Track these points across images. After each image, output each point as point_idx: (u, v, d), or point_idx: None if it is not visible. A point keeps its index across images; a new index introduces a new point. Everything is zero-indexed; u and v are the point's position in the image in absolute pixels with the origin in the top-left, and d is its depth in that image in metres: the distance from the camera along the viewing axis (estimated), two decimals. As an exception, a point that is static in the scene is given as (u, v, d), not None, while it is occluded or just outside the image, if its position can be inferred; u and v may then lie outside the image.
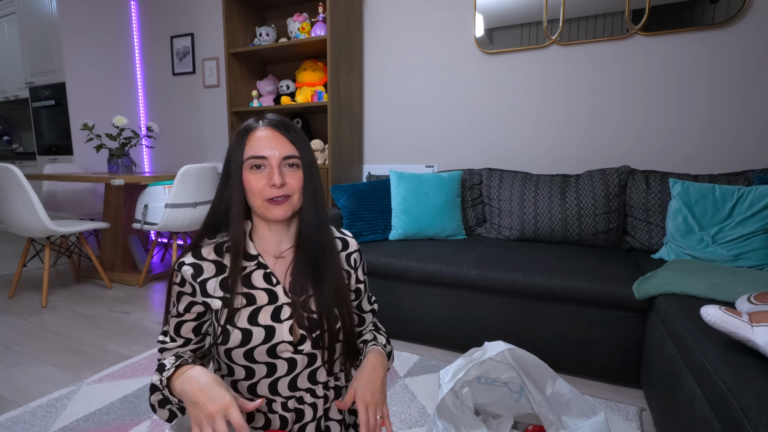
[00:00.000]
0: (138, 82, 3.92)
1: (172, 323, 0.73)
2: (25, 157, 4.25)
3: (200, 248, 0.74)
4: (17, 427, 1.32)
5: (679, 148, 2.10)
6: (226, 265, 0.73)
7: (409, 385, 1.56)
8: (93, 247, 3.57)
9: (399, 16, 2.68)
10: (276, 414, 0.73)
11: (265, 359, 0.71)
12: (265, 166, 0.70)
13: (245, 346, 0.69)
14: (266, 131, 0.71)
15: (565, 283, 1.55)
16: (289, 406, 0.73)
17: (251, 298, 0.72)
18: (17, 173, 2.23)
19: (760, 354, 0.87)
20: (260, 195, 0.70)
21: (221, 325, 0.70)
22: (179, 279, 0.72)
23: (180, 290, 0.72)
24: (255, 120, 0.74)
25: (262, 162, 0.70)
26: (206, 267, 0.72)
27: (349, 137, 2.71)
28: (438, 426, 0.84)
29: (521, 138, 2.43)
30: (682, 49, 2.04)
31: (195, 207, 2.62)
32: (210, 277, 0.72)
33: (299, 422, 0.74)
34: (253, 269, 0.74)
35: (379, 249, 1.97)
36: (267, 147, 0.70)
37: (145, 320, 2.21)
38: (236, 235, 0.72)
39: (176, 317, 0.73)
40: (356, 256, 0.84)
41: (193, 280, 0.71)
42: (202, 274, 0.71)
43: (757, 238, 1.54)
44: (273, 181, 0.69)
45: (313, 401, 0.75)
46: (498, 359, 0.90)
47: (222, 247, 0.74)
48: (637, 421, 1.34)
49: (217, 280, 0.72)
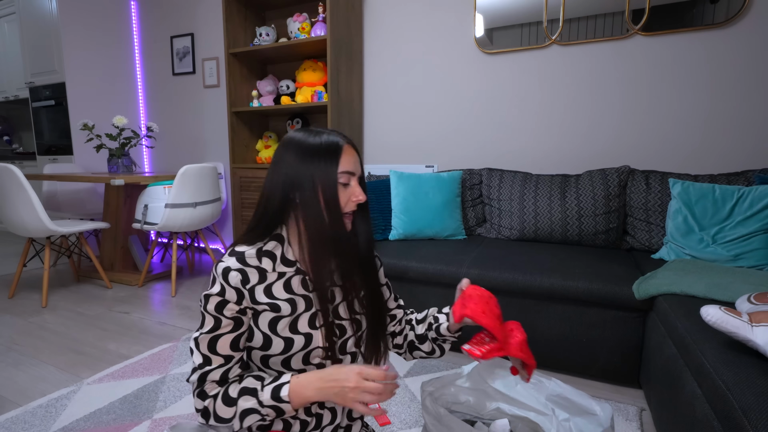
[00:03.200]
0: (138, 82, 3.92)
1: (205, 341, 0.68)
2: (25, 157, 4.25)
3: (243, 254, 0.71)
4: (17, 427, 1.32)
5: (679, 148, 2.10)
6: (267, 270, 0.72)
7: (409, 385, 1.56)
8: (93, 247, 3.57)
9: (399, 16, 2.68)
10: (297, 420, 0.74)
11: (300, 366, 0.72)
12: (349, 182, 0.75)
13: (286, 354, 0.71)
14: (350, 149, 0.76)
15: (565, 283, 1.55)
16: (311, 411, 0.75)
17: (293, 305, 0.72)
18: (17, 173, 2.23)
19: (760, 354, 0.87)
20: (343, 208, 0.74)
21: (262, 332, 0.70)
22: (219, 288, 0.68)
23: (221, 299, 0.68)
24: (334, 135, 0.75)
25: (350, 178, 0.74)
26: (251, 273, 0.70)
27: (349, 137, 2.70)
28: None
29: (521, 138, 2.43)
30: (682, 49, 2.04)
31: (195, 207, 2.62)
32: (256, 284, 0.70)
33: (318, 428, 0.76)
34: (292, 275, 0.74)
35: (380, 249, 1.97)
36: (355, 164, 0.75)
37: (145, 320, 2.21)
38: (348, 237, 0.76)
39: (213, 333, 0.69)
40: (377, 261, 0.88)
41: (243, 286, 0.69)
42: (249, 282, 0.70)
43: (757, 238, 1.54)
44: (359, 197, 0.75)
45: (333, 406, 0.77)
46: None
47: (261, 251, 0.73)
48: (637, 421, 1.34)
49: (261, 288, 0.71)
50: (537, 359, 1.63)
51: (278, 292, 0.72)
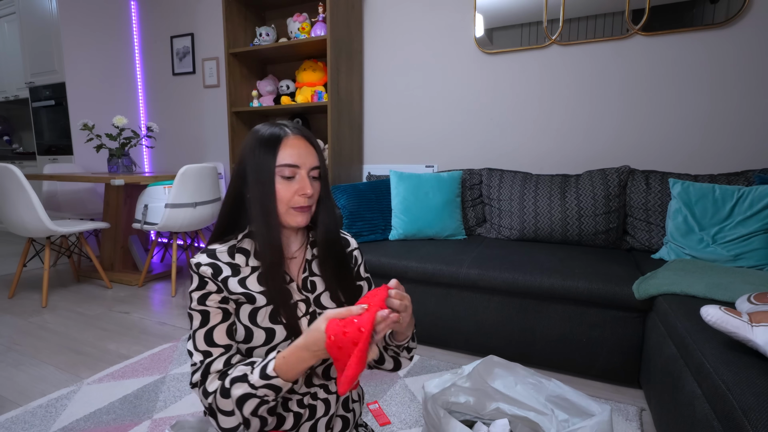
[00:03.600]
0: (138, 82, 3.92)
1: (200, 336, 0.69)
2: (25, 157, 4.25)
3: (214, 250, 0.74)
4: (17, 427, 1.32)
5: (679, 148, 2.10)
6: (240, 265, 0.74)
7: (409, 385, 1.56)
8: (93, 247, 3.57)
9: (399, 16, 2.68)
10: (291, 412, 0.73)
11: None
12: (295, 175, 0.72)
13: (269, 344, 0.71)
14: (296, 140, 0.73)
15: (565, 283, 1.55)
16: (304, 402, 0.74)
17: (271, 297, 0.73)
18: (17, 173, 2.23)
19: (760, 354, 0.87)
20: (287, 202, 0.72)
21: (243, 324, 0.71)
22: (197, 282, 0.70)
23: (203, 292, 0.70)
24: (279, 127, 0.74)
25: (294, 171, 0.72)
26: (223, 267, 0.72)
27: (349, 137, 2.71)
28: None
29: (521, 138, 2.43)
30: (682, 49, 2.04)
31: (195, 207, 2.62)
32: (229, 275, 0.72)
33: (311, 419, 0.75)
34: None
35: (379, 249, 1.97)
36: (299, 156, 0.72)
37: (145, 320, 2.21)
38: (276, 244, 0.72)
39: (205, 326, 0.69)
40: (356, 254, 0.87)
41: (214, 278, 0.70)
42: (222, 273, 0.71)
43: (757, 238, 1.54)
44: (305, 191, 0.72)
45: (326, 397, 0.77)
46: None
47: (234, 248, 0.75)
48: (637, 421, 1.34)
49: (235, 280, 0.72)
50: (537, 359, 1.65)
51: (252, 285, 0.72)
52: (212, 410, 0.66)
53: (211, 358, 0.68)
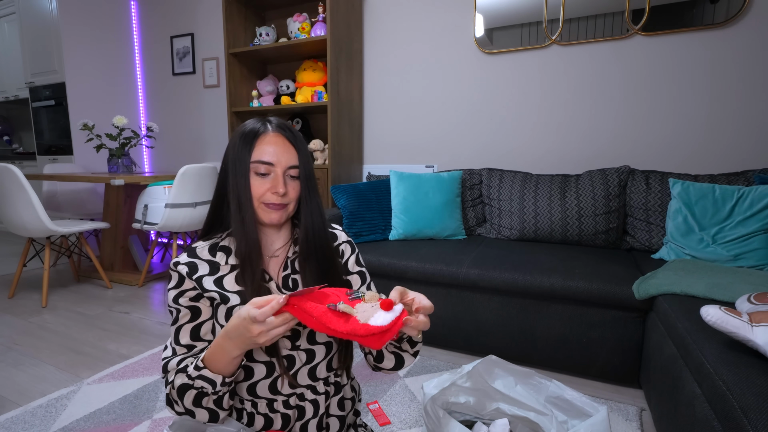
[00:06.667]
0: (138, 82, 3.92)
1: (172, 332, 0.72)
2: (25, 157, 4.25)
3: (195, 248, 0.75)
4: (17, 427, 1.32)
5: (679, 148, 2.09)
6: (220, 263, 0.74)
7: (409, 385, 1.56)
8: (93, 247, 3.57)
9: (399, 16, 2.68)
10: (278, 413, 0.73)
11: (264, 358, 0.71)
12: (270, 173, 0.72)
13: None
14: (275, 137, 0.72)
15: (565, 283, 1.55)
16: (290, 404, 0.74)
17: (243, 297, 0.72)
18: (17, 173, 2.23)
19: (760, 354, 0.87)
20: (259, 198, 0.72)
21: (220, 324, 0.71)
22: (176, 280, 0.72)
23: (178, 291, 0.72)
24: (261, 123, 0.74)
25: (269, 169, 0.71)
26: (200, 265, 0.73)
27: (349, 137, 2.71)
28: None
29: (521, 138, 2.43)
30: (682, 49, 2.04)
31: (195, 207, 2.62)
32: (205, 274, 0.72)
33: (301, 420, 0.75)
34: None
35: (379, 249, 1.97)
36: (275, 154, 0.71)
37: (145, 320, 2.21)
38: (251, 238, 0.72)
39: (176, 324, 0.72)
40: (344, 248, 0.84)
41: (189, 277, 0.72)
42: (197, 272, 0.72)
43: (757, 238, 1.54)
44: (277, 189, 0.71)
45: (314, 398, 0.76)
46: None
47: (216, 246, 0.76)
48: (637, 421, 1.34)
49: (211, 279, 0.72)
50: (537, 359, 1.65)
51: (229, 284, 0.72)
52: (168, 400, 0.69)
53: (173, 356, 0.71)
